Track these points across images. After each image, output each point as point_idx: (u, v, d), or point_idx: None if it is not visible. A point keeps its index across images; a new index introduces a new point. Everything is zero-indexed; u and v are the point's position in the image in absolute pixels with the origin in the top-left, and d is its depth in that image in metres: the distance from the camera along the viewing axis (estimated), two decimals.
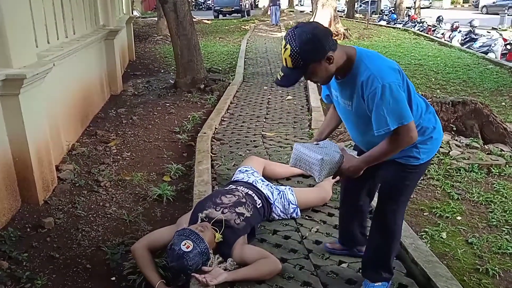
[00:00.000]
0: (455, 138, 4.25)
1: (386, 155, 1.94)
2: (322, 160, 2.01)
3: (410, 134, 1.84)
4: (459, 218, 3.23)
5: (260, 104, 6.19)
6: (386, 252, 2.22)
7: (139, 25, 19.25)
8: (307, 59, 1.79)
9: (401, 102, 1.81)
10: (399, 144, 1.88)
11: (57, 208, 3.43)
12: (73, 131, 4.91)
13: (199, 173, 3.70)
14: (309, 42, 1.77)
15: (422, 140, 2.00)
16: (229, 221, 2.58)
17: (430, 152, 2.06)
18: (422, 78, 8.01)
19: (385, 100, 1.79)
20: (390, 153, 1.93)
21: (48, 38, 4.38)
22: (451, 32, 14.74)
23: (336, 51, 1.84)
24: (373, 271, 2.27)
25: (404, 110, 1.82)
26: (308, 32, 1.78)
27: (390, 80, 1.80)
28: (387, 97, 1.79)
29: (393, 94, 1.79)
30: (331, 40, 1.82)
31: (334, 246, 2.65)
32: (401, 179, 2.09)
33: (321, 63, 1.82)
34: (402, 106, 1.82)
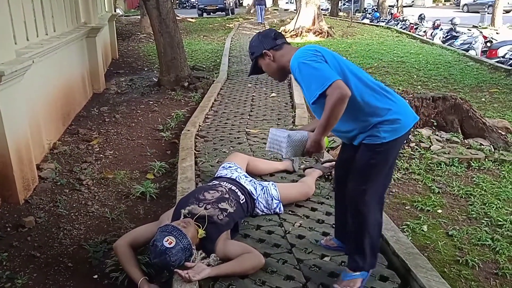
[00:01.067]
0: (436, 133, 4.32)
1: (330, 118, 1.99)
2: (289, 136, 2.17)
3: (338, 90, 1.93)
4: (440, 211, 3.29)
5: (244, 102, 6.18)
6: (360, 237, 2.21)
7: (122, 23, 19.05)
8: (252, 53, 2.27)
9: (319, 69, 1.98)
10: (333, 102, 1.94)
11: (38, 207, 3.38)
12: (55, 129, 4.85)
13: (182, 170, 3.68)
14: (254, 40, 2.28)
15: (380, 120, 2.08)
16: (212, 217, 2.57)
17: (393, 132, 2.09)
18: (404, 75, 8.11)
19: (303, 74, 2.03)
20: (332, 114, 1.97)
21: (27, 35, 4.31)
22: (433, 30, 14.95)
23: (280, 51, 2.20)
24: (351, 259, 2.28)
25: (324, 74, 1.97)
26: (257, 33, 2.32)
27: (303, 57, 2.04)
28: (303, 70, 2.03)
29: (309, 66, 2.00)
30: (271, 42, 2.20)
31: (328, 242, 2.65)
32: (366, 158, 2.13)
33: (264, 58, 2.23)
34: (321, 71, 1.98)
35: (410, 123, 2.16)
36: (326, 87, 1.93)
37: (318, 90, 1.96)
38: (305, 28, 14.01)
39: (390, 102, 2.12)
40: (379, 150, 2.11)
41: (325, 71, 1.97)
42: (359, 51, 10.84)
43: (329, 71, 1.98)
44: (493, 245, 2.82)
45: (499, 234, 2.94)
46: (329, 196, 3.29)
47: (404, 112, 2.15)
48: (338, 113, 1.97)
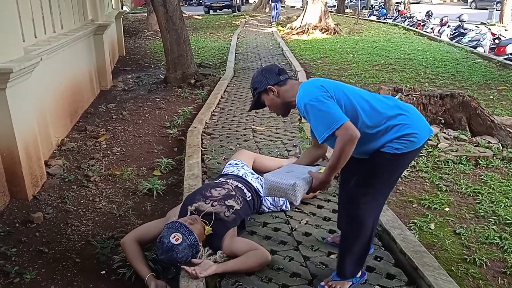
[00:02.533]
0: (443, 131, 4.29)
1: (340, 160, 1.99)
2: (295, 184, 2.07)
3: (348, 132, 1.94)
4: (447, 209, 3.27)
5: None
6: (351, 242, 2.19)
7: (129, 20, 19.09)
8: (255, 88, 2.29)
9: (326, 111, 1.98)
10: (342, 144, 1.95)
11: (46, 203, 3.40)
12: (62, 126, 4.87)
13: (189, 167, 3.69)
14: (257, 76, 2.30)
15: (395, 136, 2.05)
16: (218, 214, 2.59)
17: (407, 145, 2.06)
18: (411, 72, 8.06)
19: (310, 116, 2.03)
20: (342, 156, 1.97)
21: (35, 33, 4.33)
22: (440, 27, 14.83)
23: (284, 87, 2.21)
24: (339, 262, 2.26)
25: (332, 116, 1.96)
26: (260, 69, 2.35)
27: (309, 98, 2.02)
28: (310, 112, 2.02)
29: (316, 108, 2.00)
30: (275, 78, 2.22)
31: (335, 239, 2.66)
32: (375, 164, 2.12)
33: (268, 94, 2.24)
34: (329, 114, 1.97)
35: (424, 137, 2.13)
36: (334, 130, 1.94)
37: (326, 133, 1.97)
38: (312, 25, 13.96)
39: (403, 117, 2.08)
40: (390, 158, 2.09)
41: (332, 113, 1.97)
42: (365, 48, 10.79)
43: (337, 112, 1.97)
44: (501, 243, 2.80)
45: (507, 233, 2.92)
46: (335, 194, 3.28)
47: (419, 126, 2.11)
48: (348, 155, 1.98)
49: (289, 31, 14.42)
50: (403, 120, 2.07)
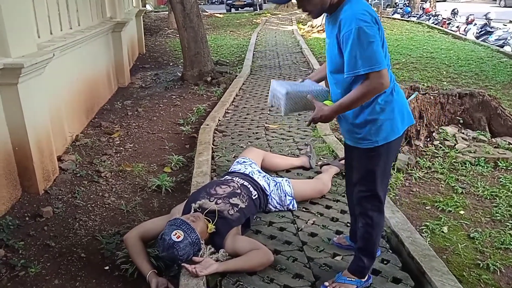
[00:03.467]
0: (462, 131, 4.15)
1: (355, 102, 1.88)
2: (287, 93, 2.05)
3: (380, 80, 1.81)
4: (462, 212, 3.15)
5: (266, 97, 6.13)
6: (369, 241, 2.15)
7: (151, 18, 19.27)
8: None
9: (374, 48, 1.78)
10: (368, 90, 1.83)
11: (57, 197, 3.44)
12: (78, 122, 4.93)
13: (198, 164, 3.67)
14: None
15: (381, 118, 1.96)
16: (222, 212, 2.55)
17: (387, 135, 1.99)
18: (433, 71, 7.85)
19: (358, 43, 1.78)
20: (360, 99, 1.87)
21: (51, 29, 4.39)
22: (466, 25, 14.42)
23: None
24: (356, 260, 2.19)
25: (376, 56, 1.79)
26: None
27: (364, 22, 1.78)
28: (361, 39, 1.77)
29: (368, 38, 1.77)
30: None
31: (340, 240, 2.59)
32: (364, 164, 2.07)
33: None
34: (375, 51, 1.79)
35: (405, 126, 2.05)
36: (372, 71, 1.79)
37: (363, 69, 1.79)
38: None
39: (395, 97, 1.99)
40: (372, 154, 2.02)
41: (378, 52, 1.79)
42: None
43: (381, 54, 1.81)
44: None
45: None
46: (345, 194, 3.19)
47: (402, 112, 2.02)
48: (365, 101, 1.89)
49: (309, 29, 14.27)
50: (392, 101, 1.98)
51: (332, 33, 1.93)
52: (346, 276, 2.20)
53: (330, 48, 1.99)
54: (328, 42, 2.03)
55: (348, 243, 2.54)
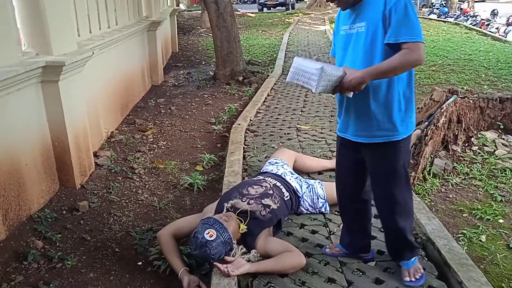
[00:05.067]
0: (502, 137, 4.00)
1: (392, 69, 1.89)
2: (322, 68, 1.91)
3: (420, 52, 1.85)
4: (501, 221, 3.04)
5: (298, 97, 6.10)
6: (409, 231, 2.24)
7: (184, 18, 19.51)
8: None
9: (417, 22, 1.88)
10: (409, 60, 1.86)
11: (93, 192, 3.53)
12: (113, 119, 5.04)
13: (230, 164, 3.69)
14: None
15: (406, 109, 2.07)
16: (254, 212, 2.55)
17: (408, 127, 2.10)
18: (471, 74, 7.60)
19: (407, 14, 1.85)
20: (398, 67, 1.88)
21: (90, 28, 4.50)
22: (507, 27, 13.95)
23: None
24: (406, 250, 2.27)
25: (420, 29, 1.87)
26: None
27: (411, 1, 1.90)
28: (409, 11, 1.85)
29: (414, 11, 1.87)
30: None
31: (333, 250, 2.52)
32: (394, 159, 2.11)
33: None
34: (418, 25, 1.87)
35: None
36: (414, 41, 1.84)
37: (406, 37, 1.84)
38: None
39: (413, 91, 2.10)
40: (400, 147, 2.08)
41: (419, 26, 1.88)
42: None
43: (421, 28, 1.90)
44: None
45: None
46: None
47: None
48: (402, 71, 1.93)
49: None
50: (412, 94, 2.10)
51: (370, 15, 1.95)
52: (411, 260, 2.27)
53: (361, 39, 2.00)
54: (355, 34, 2.03)
55: (343, 251, 2.50)
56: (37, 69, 3.07)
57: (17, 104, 2.96)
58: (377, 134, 2.06)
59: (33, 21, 3.19)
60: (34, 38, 3.24)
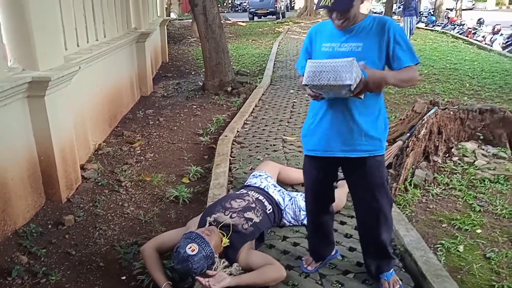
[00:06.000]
0: (482, 147, 4.09)
1: (405, 82, 2.11)
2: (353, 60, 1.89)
3: (417, 73, 2.12)
4: (479, 231, 3.11)
5: (285, 108, 6.18)
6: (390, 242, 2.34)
7: (175, 27, 19.61)
8: None
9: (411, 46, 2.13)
10: (414, 77, 2.10)
11: (79, 206, 3.55)
12: (101, 131, 5.08)
13: (215, 176, 3.74)
14: None
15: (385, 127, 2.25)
16: (236, 226, 2.60)
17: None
18: (456, 83, 7.74)
19: (405, 40, 2.09)
20: (408, 81, 2.12)
21: (78, 42, 4.55)
22: (492, 35, 14.21)
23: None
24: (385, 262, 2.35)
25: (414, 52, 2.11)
26: None
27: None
28: (406, 37, 2.11)
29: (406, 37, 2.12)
30: None
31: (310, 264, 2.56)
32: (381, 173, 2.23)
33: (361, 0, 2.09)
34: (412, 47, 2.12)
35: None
36: (416, 64, 2.08)
37: (410, 62, 2.06)
38: None
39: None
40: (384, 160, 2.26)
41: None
42: None
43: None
44: None
45: None
46: None
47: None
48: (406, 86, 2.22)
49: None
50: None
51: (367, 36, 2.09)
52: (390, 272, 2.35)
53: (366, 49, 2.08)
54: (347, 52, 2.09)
55: (317, 264, 2.56)
56: (23, 85, 3.11)
57: (3, 119, 3.00)
58: (365, 148, 2.15)
59: (19, 36, 3.24)
60: (21, 53, 3.28)
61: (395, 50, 2.07)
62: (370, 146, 2.15)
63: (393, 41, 2.07)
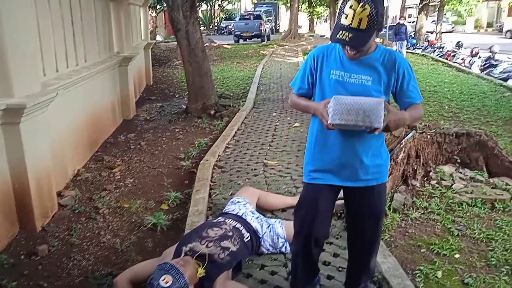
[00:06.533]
0: (459, 171, 4.14)
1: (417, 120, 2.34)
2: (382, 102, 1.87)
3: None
4: (457, 256, 3.12)
5: (267, 131, 6.20)
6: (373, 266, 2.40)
7: (161, 49, 19.73)
8: (381, 23, 1.93)
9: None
10: (422, 114, 2.20)
11: (54, 235, 3.47)
12: (80, 156, 5.01)
13: (194, 203, 3.70)
14: (383, 7, 1.94)
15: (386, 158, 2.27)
16: (213, 256, 2.56)
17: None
18: (435, 106, 7.89)
19: (415, 77, 2.12)
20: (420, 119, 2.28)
21: (57, 67, 4.53)
22: (471, 58, 14.56)
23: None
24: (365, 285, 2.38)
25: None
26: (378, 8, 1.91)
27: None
28: (415, 76, 2.13)
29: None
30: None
31: None
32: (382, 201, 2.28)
33: (377, 33, 1.98)
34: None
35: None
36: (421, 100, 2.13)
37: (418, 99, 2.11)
38: None
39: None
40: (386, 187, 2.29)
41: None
42: None
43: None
44: None
45: None
46: (339, 236, 3.20)
47: None
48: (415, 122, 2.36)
49: None
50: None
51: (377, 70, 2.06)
52: None
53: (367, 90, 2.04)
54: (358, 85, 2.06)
55: None
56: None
57: None
58: (373, 177, 2.15)
59: None
60: None
61: (408, 87, 2.08)
62: (377, 174, 2.16)
63: (405, 78, 2.07)
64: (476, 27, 39.79)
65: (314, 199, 2.23)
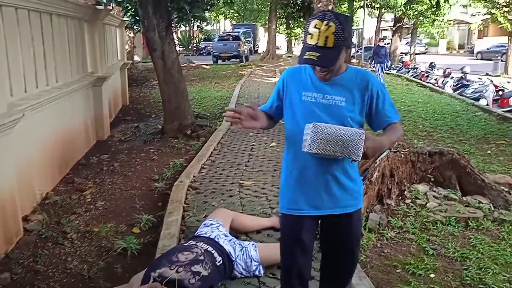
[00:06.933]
0: (433, 189, 4.17)
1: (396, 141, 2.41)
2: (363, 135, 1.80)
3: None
4: (433, 275, 3.10)
5: (243, 151, 6.15)
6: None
7: (139, 69, 19.63)
8: (348, 39, 1.87)
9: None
10: (402, 135, 2.16)
11: (18, 262, 3.31)
12: (50, 179, 4.85)
13: (167, 226, 3.60)
14: (349, 23, 1.89)
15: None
16: (183, 281, 2.47)
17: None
18: (410, 125, 8.02)
19: (389, 97, 2.06)
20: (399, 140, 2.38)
21: (26, 87, 4.40)
22: (444, 78, 14.96)
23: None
24: None
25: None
26: (345, 15, 1.90)
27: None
28: (387, 94, 2.06)
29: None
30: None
31: None
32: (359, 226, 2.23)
33: (346, 51, 1.90)
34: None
35: None
36: (399, 119, 2.08)
37: (395, 119, 2.05)
38: None
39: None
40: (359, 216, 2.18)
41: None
42: None
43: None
44: None
45: None
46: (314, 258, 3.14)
47: None
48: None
49: None
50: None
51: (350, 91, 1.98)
52: None
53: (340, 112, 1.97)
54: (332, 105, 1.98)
55: None
56: None
57: None
58: (350, 203, 2.05)
59: None
60: None
61: (384, 106, 2.01)
62: (354, 200, 2.06)
63: (378, 97, 2.00)
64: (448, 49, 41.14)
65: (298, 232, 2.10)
